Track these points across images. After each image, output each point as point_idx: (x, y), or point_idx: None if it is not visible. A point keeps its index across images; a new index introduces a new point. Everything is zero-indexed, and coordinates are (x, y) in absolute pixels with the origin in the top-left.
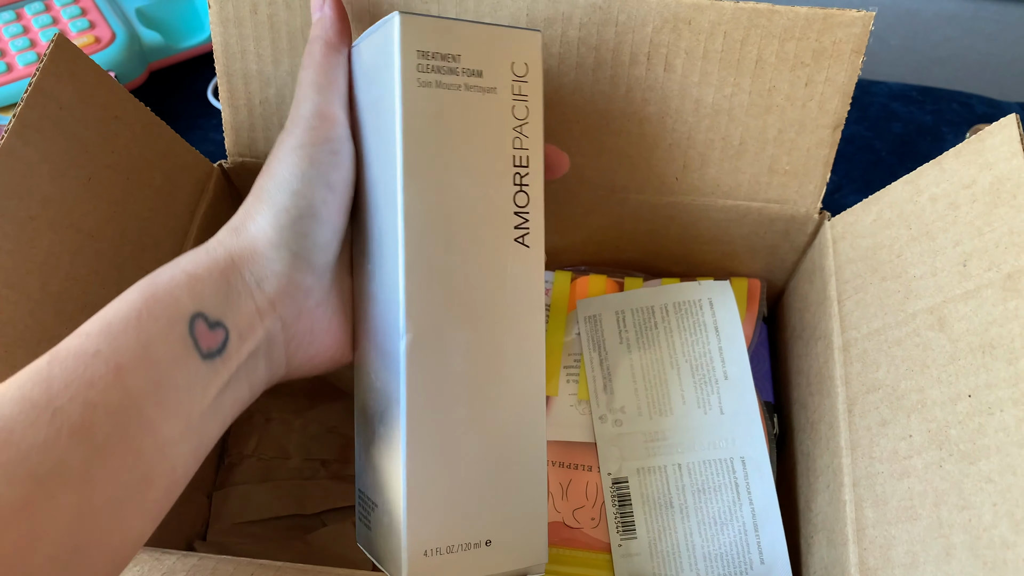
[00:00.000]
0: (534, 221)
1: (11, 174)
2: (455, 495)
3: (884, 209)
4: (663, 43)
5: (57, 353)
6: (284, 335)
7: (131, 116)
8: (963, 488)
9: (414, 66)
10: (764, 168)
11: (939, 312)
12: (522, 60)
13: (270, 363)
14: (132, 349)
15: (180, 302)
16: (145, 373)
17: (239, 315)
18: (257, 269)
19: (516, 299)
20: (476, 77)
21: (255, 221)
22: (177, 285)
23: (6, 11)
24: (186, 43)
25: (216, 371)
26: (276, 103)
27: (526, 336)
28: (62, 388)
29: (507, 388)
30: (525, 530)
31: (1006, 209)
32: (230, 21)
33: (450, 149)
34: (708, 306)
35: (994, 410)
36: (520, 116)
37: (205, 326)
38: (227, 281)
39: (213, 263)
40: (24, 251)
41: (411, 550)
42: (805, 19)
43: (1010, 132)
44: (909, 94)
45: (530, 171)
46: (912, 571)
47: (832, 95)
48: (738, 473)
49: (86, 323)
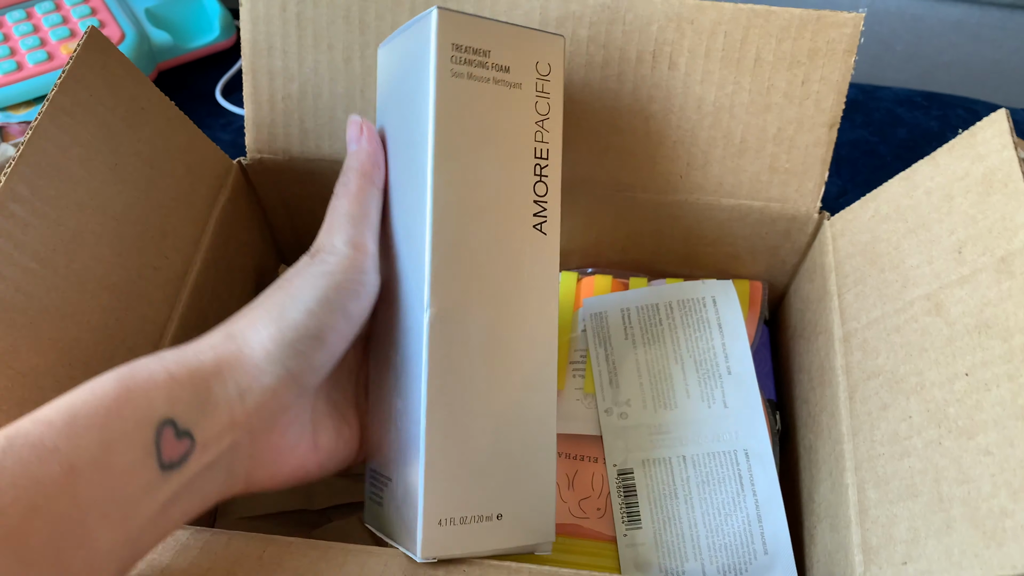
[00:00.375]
0: (551, 210)
1: (43, 155)
2: (470, 467)
3: (881, 205)
4: (667, 41)
5: (14, 440)
6: (250, 449)
7: (156, 108)
8: (962, 462)
9: (448, 57)
10: (765, 166)
11: (936, 298)
12: (546, 60)
13: (228, 476)
14: (91, 451)
15: (153, 404)
16: (99, 479)
17: (210, 425)
18: (244, 380)
19: (532, 282)
20: (504, 72)
21: (256, 330)
22: (155, 385)
23: (16, 10)
24: (195, 43)
25: (168, 483)
26: (297, 98)
27: (540, 319)
28: (8, 485)
29: (521, 368)
30: (534, 507)
31: (998, 197)
32: (260, 18)
33: (477, 136)
34: (712, 304)
35: (991, 386)
36: (542, 112)
37: (172, 435)
38: (208, 388)
39: (197, 367)
40: (52, 228)
41: (427, 518)
42: (800, 19)
43: (1000, 126)
44: (914, 99)
45: (549, 163)
46: (914, 546)
47: (827, 93)
48: (741, 465)
49: (51, 406)
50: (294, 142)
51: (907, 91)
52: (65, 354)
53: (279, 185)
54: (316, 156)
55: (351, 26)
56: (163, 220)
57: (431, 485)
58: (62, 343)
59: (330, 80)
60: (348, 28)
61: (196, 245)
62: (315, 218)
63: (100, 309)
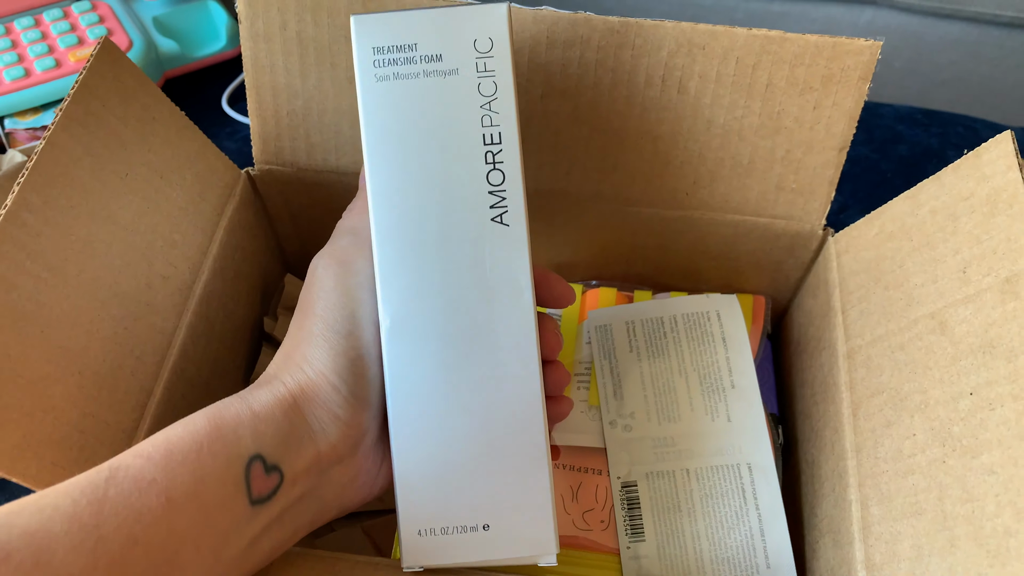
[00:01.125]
0: (512, 199)
1: (55, 164)
2: (445, 477)
3: (886, 223)
4: (678, 66)
5: (116, 472)
6: (340, 478)
7: (167, 118)
8: (966, 481)
9: (370, 62)
10: (771, 186)
11: (940, 316)
12: (486, 35)
13: (320, 506)
14: (187, 484)
15: (242, 441)
16: (193, 512)
17: (297, 460)
18: (321, 414)
19: (498, 279)
20: (436, 62)
21: (312, 365)
22: (242, 423)
23: (24, 17)
24: (202, 52)
25: (258, 516)
26: (302, 114)
27: (513, 316)
28: (112, 515)
29: (496, 371)
30: (527, 518)
31: (1003, 218)
32: (260, 36)
33: (413, 137)
34: (716, 318)
35: (995, 405)
36: (487, 92)
37: (262, 469)
38: (290, 423)
39: (277, 403)
40: (64, 237)
41: (405, 528)
42: (815, 46)
43: (1006, 147)
44: (915, 116)
45: (503, 147)
46: (917, 564)
47: (839, 119)
48: (744, 479)
49: (148, 442)
50: (301, 155)
51: (907, 108)
52: (75, 362)
53: (286, 196)
54: (323, 168)
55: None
56: (172, 229)
57: (404, 495)
58: (72, 352)
59: (334, 96)
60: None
61: (204, 254)
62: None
63: (110, 318)
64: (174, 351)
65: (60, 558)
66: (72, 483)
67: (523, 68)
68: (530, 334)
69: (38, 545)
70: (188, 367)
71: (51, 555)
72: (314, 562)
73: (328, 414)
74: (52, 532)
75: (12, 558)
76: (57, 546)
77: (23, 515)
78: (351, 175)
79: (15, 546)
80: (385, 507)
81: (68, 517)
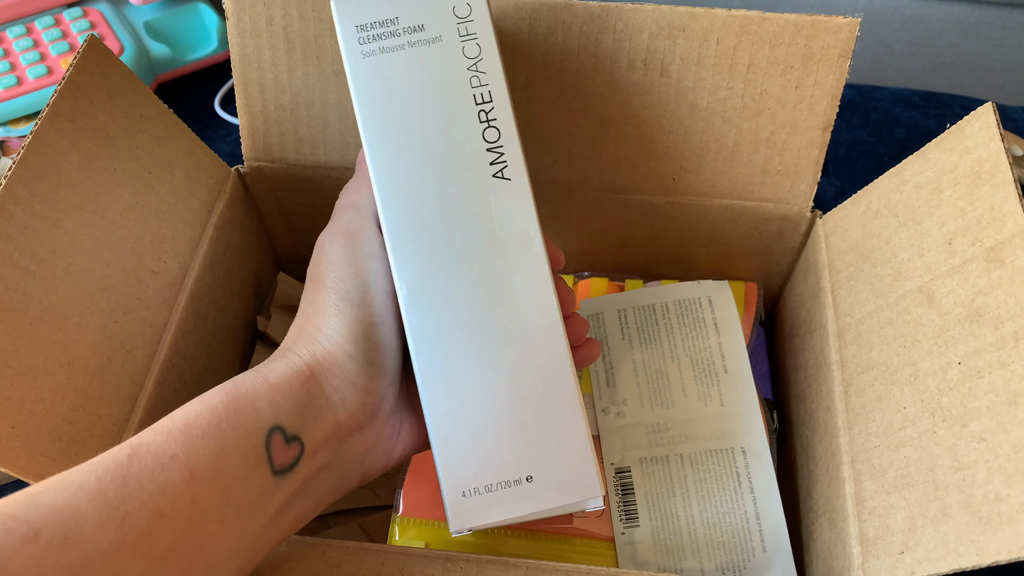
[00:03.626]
0: (510, 153)
1: (43, 158)
2: (482, 435)
3: (872, 201)
4: (659, 49)
5: (138, 449)
6: (360, 446)
7: (155, 115)
8: (956, 450)
9: (355, 40)
10: (757, 168)
11: (928, 289)
12: (464, 1)
13: (343, 475)
14: (208, 458)
15: (261, 413)
16: (216, 485)
17: (317, 429)
18: (338, 383)
19: (507, 232)
20: (419, 32)
21: (326, 335)
22: (259, 396)
23: (16, 25)
24: (193, 55)
25: (282, 487)
26: (290, 109)
27: (526, 267)
28: (137, 490)
29: (517, 323)
30: (567, 464)
31: (986, 188)
32: (247, 32)
33: (406, 106)
34: (708, 304)
35: (983, 373)
36: (472, 55)
37: (282, 440)
38: (307, 393)
39: (293, 374)
40: (52, 231)
41: (449, 491)
42: (794, 25)
43: (987, 119)
44: (912, 99)
45: (495, 105)
46: (911, 535)
47: (821, 97)
48: (739, 463)
49: (167, 419)
50: (289, 151)
51: (904, 91)
52: (64, 354)
53: (276, 193)
54: (312, 164)
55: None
56: (161, 225)
57: (445, 459)
58: (61, 343)
59: (321, 91)
60: (336, 41)
61: (194, 250)
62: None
63: (98, 311)
64: (165, 345)
65: (89, 534)
66: (95, 462)
67: (506, 57)
68: (546, 282)
69: (66, 522)
70: (179, 362)
71: (80, 531)
72: (304, 549)
73: (345, 383)
74: (80, 509)
75: (42, 536)
76: (85, 522)
77: (49, 494)
78: (340, 169)
79: (44, 524)
80: (381, 503)
81: (94, 494)
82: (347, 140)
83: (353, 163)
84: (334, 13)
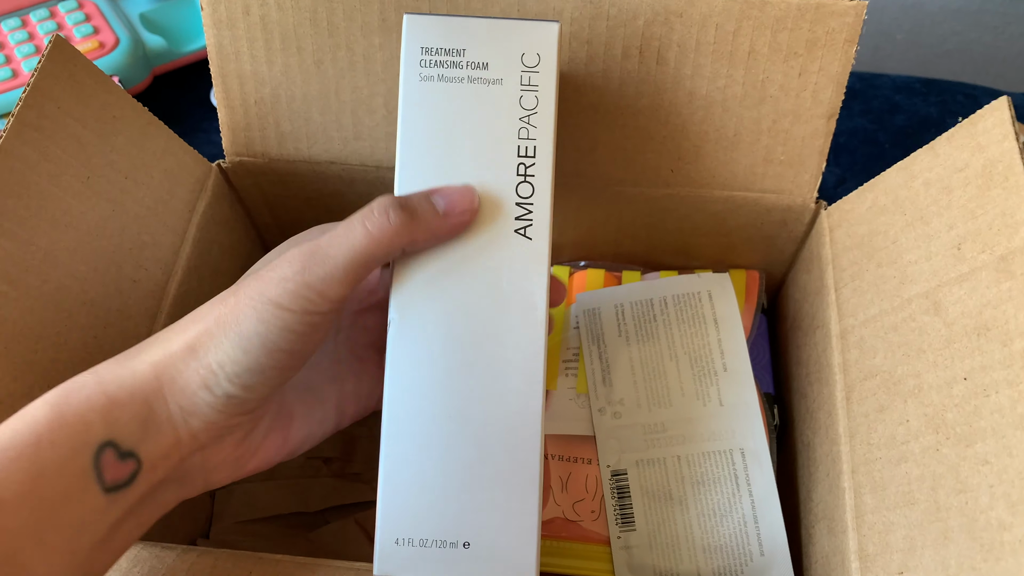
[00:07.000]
0: (539, 213)
1: (10, 173)
2: (432, 486)
3: (879, 196)
4: (655, 36)
5: None
6: (203, 463)
7: (129, 116)
8: (960, 471)
9: (417, 61)
10: (759, 158)
11: (934, 296)
12: (534, 51)
13: (181, 487)
14: (20, 483)
15: (91, 428)
16: (28, 511)
17: (156, 445)
18: (187, 404)
19: (514, 291)
20: (482, 69)
21: (197, 357)
22: (92, 408)
23: (11, 18)
24: (189, 47)
25: (116, 503)
26: (271, 102)
27: (524, 332)
28: None
29: (499, 384)
30: (509, 541)
31: (998, 191)
32: (223, 23)
33: (449, 138)
34: (707, 298)
35: (989, 392)
36: (528, 107)
37: (114, 456)
38: (149, 407)
39: (137, 385)
40: (23, 249)
41: (382, 534)
42: (798, 9)
43: (1001, 115)
44: (912, 86)
45: (536, 162)
46: (910, 556)
47: (826, 84)
48: (737, 465)
49: None
50: (271, 145)
51: (905, 78)
52: (43, 377)
53: (261, 186)
54: (295, 158)
55: (319, 28)
56: (140, 231)
57: (387, 500)
58: (39, 366)
59: (302, 83)
60: (316, 31)
61: (176, 253)
62: (300, 217)
63: (78, 328)
64: None
65: None
66: None
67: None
68: (539, 352)
69: None
70: None
71: None
72: (293, 568)
73: (195, 408)
74: None
75: None
76: None
77: None
78: (324, 164)
79: None
80: None
81: None
82: (331, 134)
83: (338, 157)
84: (404, 29)
